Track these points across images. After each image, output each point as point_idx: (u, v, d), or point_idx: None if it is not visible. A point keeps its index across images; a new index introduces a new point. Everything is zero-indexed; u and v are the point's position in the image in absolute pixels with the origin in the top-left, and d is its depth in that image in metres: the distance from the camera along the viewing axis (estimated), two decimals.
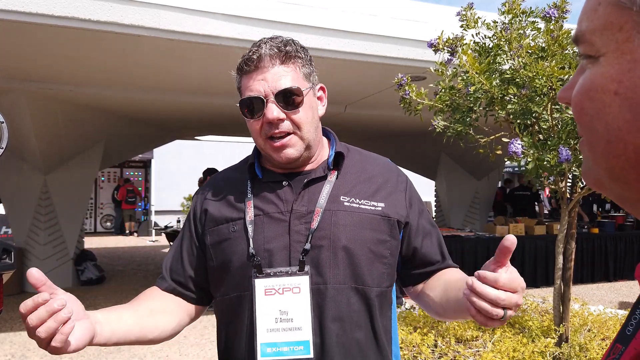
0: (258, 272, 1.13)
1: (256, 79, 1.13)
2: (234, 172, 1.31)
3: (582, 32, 0.44)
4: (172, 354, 4.93)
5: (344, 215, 1.16)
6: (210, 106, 6.95)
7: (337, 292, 1.13)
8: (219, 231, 1.20)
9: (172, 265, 1.28)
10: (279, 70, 1.13)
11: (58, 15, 3.57)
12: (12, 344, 5.14)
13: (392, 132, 10.10)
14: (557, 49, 2.46)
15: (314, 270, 1.13)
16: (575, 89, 0.46)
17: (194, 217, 1.27)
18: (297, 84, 1.13)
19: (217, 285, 1.22)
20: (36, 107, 6.06)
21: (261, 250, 1.14)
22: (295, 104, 1.13)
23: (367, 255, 1.16)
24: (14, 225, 7.60)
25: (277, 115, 1.11)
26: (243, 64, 1.15)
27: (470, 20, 2.75)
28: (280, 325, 1.11)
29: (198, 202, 1.28)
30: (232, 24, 4.04)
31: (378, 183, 1.23)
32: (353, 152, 1.29)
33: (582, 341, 3.08)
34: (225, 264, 1.18)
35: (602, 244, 8.59)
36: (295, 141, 1.15)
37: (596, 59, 0.43)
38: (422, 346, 2.99)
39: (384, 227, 1.18)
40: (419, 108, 2.89)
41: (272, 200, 1.18)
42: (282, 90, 1.12)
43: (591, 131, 0.44)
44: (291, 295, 1.12)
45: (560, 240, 3.04)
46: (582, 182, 3.04)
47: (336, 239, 1.14)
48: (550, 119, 2.59)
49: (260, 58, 1.12)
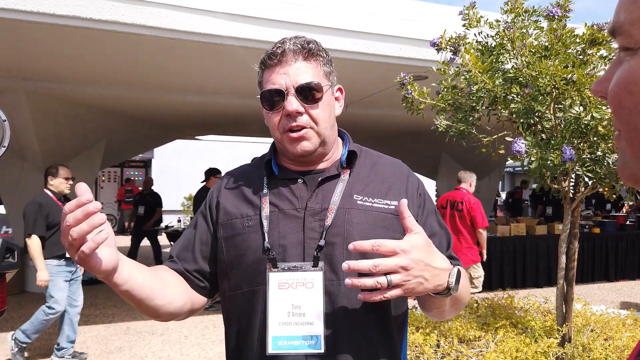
0: (273, 266, 1.14)
1: (278, 72, 1.16)
2: (251, 168, 1.33)
3: (620, 24, 0.43)
4: (174, 353, 4.92)
5: (357, 214, 1.17)
6: (211, 106, 6.94)
7: (350, 288, 1.12)
8: (233, 225, 1.21)
9: (180, 253, 1.28)
10: (301, 66, 1.16)
11: (59, 14, 3.57)
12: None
13: (393, 131, 10.10)
14: (560, 48, 2.45)
15: (327, 267, 1.14)
16: (612, 82, 0.45)
17: (209, 209, 1.28)
18: (317, 80, 1.17)
19: (227, 279, 1.22)
20: (37, 106, 6.06)
21: (276, 245, 1.16)
22: (314, 99, 1.16)
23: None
24: (15, 224, 7.58)
25: (296, 108, 1.14)
26: (266, 57, 1.18)
27: (472, 19, 2.74)
28: (292, 319, 1.12)
29: (214, 195, 1.30)
30: (234, 23, 4.04)
31: (390, 183, 1.25)
32: (365, 153, 1.31)
33: (585, 341, 3.07)
34: (238, 258, 1.19)
35: (603, 244, 8.58)
36: (311, 135, 1.17)
37: (635, 51, 0.42)
38: (425, 346, 2.98)
39: (397, 226, 1.18)
40: (421, 107, 2.88)
41: (287, 196, 1.20)
42: (302, 85, 1.15)
43: (629, 125, 0.43)
44: (304, 290, 1.13)
45: (563, 240, 3.03)
46: (584, 182, 3.03)
47: (349, 237, 1.14)
48: (554, 118, 2.58)
49: (284, 53, 1.16)
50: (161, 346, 5.12)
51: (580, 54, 2.50)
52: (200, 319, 6.06)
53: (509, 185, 27.48)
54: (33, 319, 4.42)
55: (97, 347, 5.07)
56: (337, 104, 1.28)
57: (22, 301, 6.78)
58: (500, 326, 3.33)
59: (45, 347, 5.04)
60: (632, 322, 3.65)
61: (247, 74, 5.17)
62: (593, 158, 2.56)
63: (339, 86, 1.28)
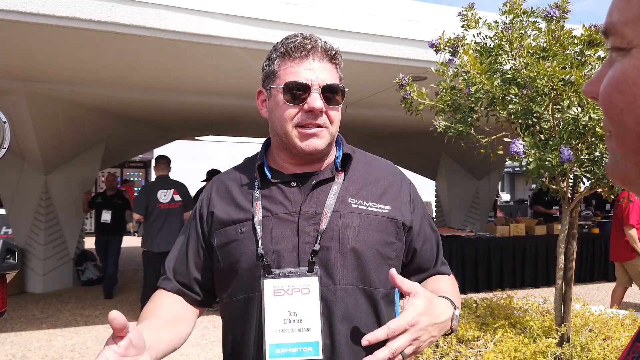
0: (267, 273, 1.12)
1: (305, 67, 1.14)
2: (240, 172, 1.28)
3: (613, 24, 0.43)
4: (173, 354, 4.92)
5: (352, 217, 1.16)
6: (210, 106, 6.95)
7: (346, 293, 1.13)
8: (226, 233, 1.19)
9: (176, 267, 1.27)
10: (327, 66, 1.17)
11: (59, 16, 3.57)
12: (13, 344, 5.14)
13: (392, 132, 10.10)
14: (558, 49, 2.46)
15: (323, 272, 1.13)
16: (604, 81, 0.45)
17: (200, 218, 1.26)
18: (339, 83, 1.18)
19: (224, 287, 1.21)
20: (37, 107, 6.06)
21: (270, 251, 1.14)
22: (336, 101, 1.17)
23: (375, 257, 1.16)
24: (15, 225, 7.60)
25: (321, 106, 1.14)
26: (293, 48, 1.15)
27: (471, 20, 2.75)
28: (289, 326, 1.10)
29: (204, 203, 1.27)
30: (233, 24, 4.05)
31: (384, 186, 1.24)
32: (359, 155, 1.30)
33: (583, 341, 3.08)
34: (233, 265, 1.17)
35: (602, 244, 8.59)
36: (325, 134, 1.17)
37: (627, 51, 0.42)
38: None
39: (391, 230, 1.19)
40: (420, 108, 2.89)
41: (280, 201, 1.18)
42: (328, 85, 1.15)
43: (620, 125, 0.44)
44: (300, 296, 1.11)
45: (562, 240, 3.04)
46: (583, 183, 3.04)
47: (345, 241, 1.14)
48: (552, 119, 2.59)
49: (315, 49, 1.15)
50: None
51: (578, 55, 2.51)
52: (200, 319, 6.04)
53: (508, 186, 27.47)
54: None
55: (97, 347, 5.07)
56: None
57: (21, 301, 6.79)
58: (499, 326, 3.34)
59: None
60: (630, 322, 3.66)
61: (247, 75, 5.17)
62: (591, 159, 2.57)
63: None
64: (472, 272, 7.52)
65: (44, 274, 7.21)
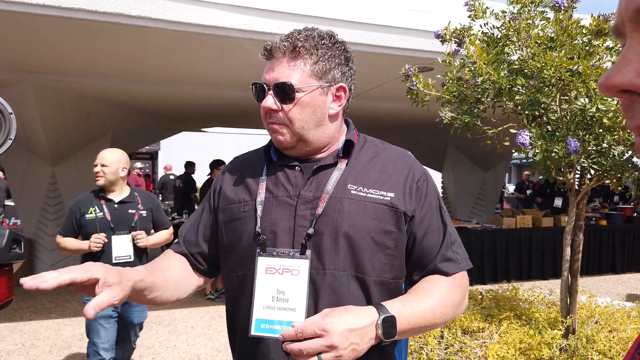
0: (262, 250, 1.17)
1: (268, 67, 1.21)
2: (253, 155, 1.37)
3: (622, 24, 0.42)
4: (180, 344, 4.97)
5: (349, 203, 1.17)
6: (216, 97, 6.95)
7: (335, 278, 1.15)
8: (231, 210, 1.26)
9: (187, 235, 1.36)
10: (285, 64, 1.18)
11: (65, 7, 3.58)
12: (22, 333, 5.20)
13: (398, 123, 10.07)
14: (566, 39, 2.44)
15: (314, 255, 1.15)
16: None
17: (213, 194, 1.34)
18: (294, 81, 1.16)
19: (226, 261, 1.28)
20: (43, 99, 6.09)
21: (267, 231, 1.19)
22: (289, 99, 1.17)
23: (369, 245, 1.16)
24: (23, 216, 7.66)
25: (269, 105, 1.18)
26: (264, 50, 1.22)
27: (478, 10, 2.73)
28: (276, 304, 1.15)
29: (218, 180, 1.36)
30: (238, 15, 4.03)
31: (389, 173, 1.23)
32: (370, 143, 1.32)
33: (589, 333, 3.07)
34: (234, 242, 1.24)
35: (609, 236, 8.55)
36: (285, 132, 1.21)
37: None
38: (428, 337, 3.00)
39: (390, 218, 1.17)
40: (426, 99, 2.88)
41: (282, 183, 1.22)
42: (278, 84, 1.17)
43: None
44: (290, 277, 1.15)
45: (568, 232, 3.02)
46: (590, 174, 3.02)
47: (338, 226, 1.15)
48: (559, 110, 2.57)
49: (275, 49, 1.19)
50: (168, 336, 5.17)
51: (586, 45, 2.48)
52: (206, 309, 6.11)
53: (515, 178, 27.35)
54: None
55: None
56: (336, 103, 1.24)
57: (31, 292, 6.85)
58: (504, 318, 3.34)
59: None
60: (637, 314, 3.65)
61: (253, 66, 5.16)
62: (598, 150, 2.55)
63: (340, 85, 1.24)
64: (478, 264, 7.51)
65: (52, 265, 7.27)
